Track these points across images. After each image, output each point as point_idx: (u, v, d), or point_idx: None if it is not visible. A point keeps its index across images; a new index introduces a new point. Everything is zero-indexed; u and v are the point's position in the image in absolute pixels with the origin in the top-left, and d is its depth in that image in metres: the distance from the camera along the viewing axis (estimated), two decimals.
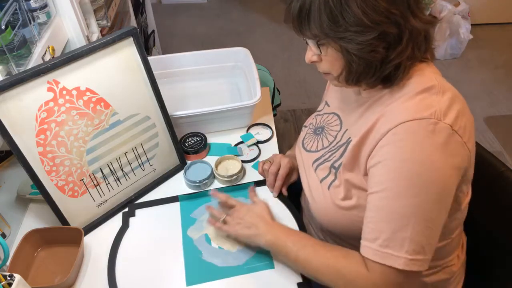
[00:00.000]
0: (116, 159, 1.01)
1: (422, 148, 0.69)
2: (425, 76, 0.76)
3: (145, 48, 2.32)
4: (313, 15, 0.71)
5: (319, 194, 0.88)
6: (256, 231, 0.88)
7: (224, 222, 0.93)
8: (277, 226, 0.90)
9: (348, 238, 0.90)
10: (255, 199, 1.02)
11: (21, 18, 0.96)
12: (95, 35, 1.36)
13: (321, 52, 0.76)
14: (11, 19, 0.93)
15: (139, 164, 1.06)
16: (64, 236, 0.94)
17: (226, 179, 1.08)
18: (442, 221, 0.73)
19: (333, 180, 0.86)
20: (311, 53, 0.79)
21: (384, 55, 0.71)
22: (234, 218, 0.92)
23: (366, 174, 0.78)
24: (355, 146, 0.80)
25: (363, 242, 0.75)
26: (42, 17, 1.09)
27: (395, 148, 0.71)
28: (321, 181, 0.89)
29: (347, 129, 0.89)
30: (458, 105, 0.73)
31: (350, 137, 0.86)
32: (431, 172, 0.70)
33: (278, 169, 1.04)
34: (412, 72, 0.76)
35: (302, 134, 1.05)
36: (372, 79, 0.75)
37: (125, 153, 1.02)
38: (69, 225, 0.96)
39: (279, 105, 1.60)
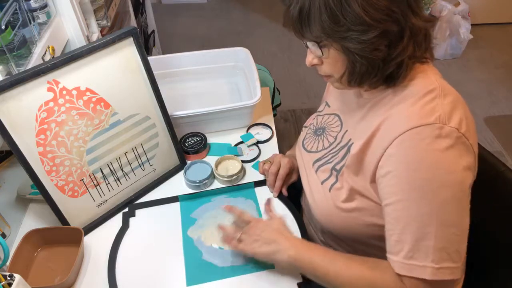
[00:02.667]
0: (116, 159, 1.01)
1: (431, 154, 0.69)
2: (427, 79, 0.76)
3: (145, 48, 2.32)
4: (313, 16, 0.70)
5: (320, 195, 0.88)
6: (277, 247, 0.82)
7: (240, 240, 0.87)
8: (298, 241, 0.85)
9: (348, 240, 0.91)
10: (271, 213, 0.96)
11: (21, 18, 0.96)
12: (95, 35, 1.36)
13: (322, 54, 0.76)
14: (11, 19, 0.93)
15: (139, 164, 1.06)
16: (64, 236, 0.94)
17: (226, 179, 1.08)
18: (465, 224, 0.72)
19: (334, 183, 0.86)
20: (312, 56, 0.79)
21: (386, 54, 0.71)
22: (251, 235, 0.86)
23: (373, 181, 0.78)
24: (359, 151, 0.80)
25: (388, 256, 0.74)
26: (42, 17, 1.09)
27: (404, 157, 0.71)
28: (322, 183, 0.89)
29: (347, 130, 0.89)
30: (461, 108, 0.73)
31: (350, 139, 0.86)
32: (443, 176, 0.69)
33: (278, 169, 1.04)
34: (415, 73, 0.76)
35: (303, 134, 1.05)
36: (374, 79, 0.75)
37: (125, 153, 1.02)
38: (69, 225, 0.96)
39: (279, 105, 1.61)
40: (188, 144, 1.17)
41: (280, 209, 1.03)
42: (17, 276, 0.72)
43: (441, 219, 0.69)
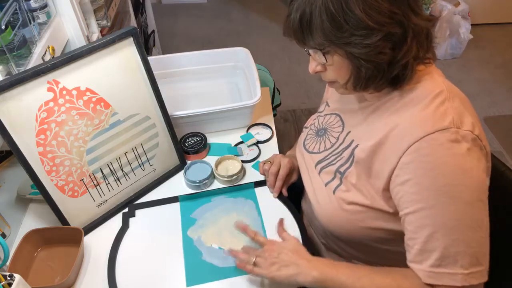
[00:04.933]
0: (116, 159, 1.01)
1: (451, 159, 0.68)
2: (433, 81, 0.75)
3: (145, 48, 2.32)
4: (315, 23, 0.70)
5: (324, 197, 0.88)
6: (297, 269, 0.79)
7: (255, 264, 0.83)
8: (317, 260, 0.82)
9: (350, 242, 0.90)
10: (285, 234, 0.92)
11: (21, 18, 0.96)
12: (95, 35, 1.36)
13: (326, 61, 0.75)
14: (11, 19, 0.93)
15: (139, 164, 1.06)
16: (64, 236, 0.94)
17: (226, 179, 1.08)
18: (488, 225, 0.71)
19: (339, 185, 0.85)
20: (315, 63, 0.78)
21: (391, 56, 0.70)
22: (267, 259, 0.83)
23: (386, 190, 0.77)
24: (366, 156, 0.79)
25: (412, 265, 0.73)
26: (42, 17, 1.09)
27: (423, 164, 0.70)
28: (325, 184, 0.88)
29: (350, 131, 0.88)
30: (469, 109, 0.74)
31: (353, 140, 0.85)
32: (466, 180, 0.69)
33: (279, 170, 1.04)
34: (420, 76, 0.76)
35: (303, 135, 1.05)
36: (380, 82, 0.74)
37: (125, 153, 1.02)
38: (69, 225, 0.96)
39: (279, 105, 1.60)
40: (188, 144, 1.17)
41: (281, 209, 1.03)
42: (17, 276, 0.72)
43: (468, 223, 0.68)
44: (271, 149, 1.20)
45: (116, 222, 1.02)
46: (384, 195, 0.78)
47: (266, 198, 1.05)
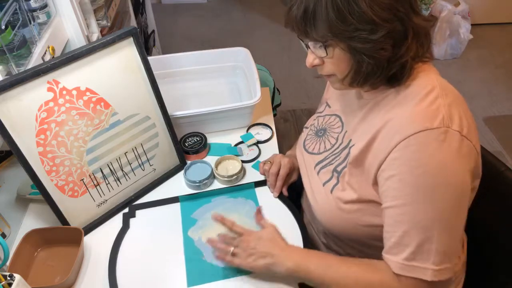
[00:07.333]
0: (116, 159, 1.01)
1: (436, 159, 0.69)
2: (427, 77, 0.76)
3: (145, 48, 2.32)
4: (319, 15, 0.70)
5: (322, 197, 0.88)
6: (272, 259, 0.82)
7: (233, 254, 0.86)
8: (292, 250, 0.85)
9: (349, 241, 0.91)
10: (263, 222, 0.94)
11: (21, 18, 0.96)
12: (95, 35, 1.36)
13: (327, 54, 0.75)
14: (11, 19, 0.93)
15: (139, 164, 1.06)
16: (64, 236, 0.94)
17: (226, 179, 1.08)
18: (462, 225, 0.73)
19: (336, 184, 0.86)
20: (313, 56, 0.78)
21: (391, 53, 0.71)
22: (245, 249, 0.85)
23: (375, 184, 0.78)
24: (360, 153, 0.80)
25: (387, 256, 0.75)
26: (42, 17, 1.09)
27: (409, 161, 0.70)
28: (323, 184, 0.88)
29: (347, 131, 0.89)
30: (461, 108, 0.74)
31: (351, 140, 0.86)
32: (449, 180, 0.70)
33: (279, 170, 1.04)
34: (416, 72, 0.76)
35: (303, 135, 1.05)
36: (378, 79, 0.75)
37: (125, 153, 1.02)
38: (69, 225, 0.96)
39: (279, 105, 1.60)
40: (188, 144, 1.17)
41: (281, 209, 1.03)
42: (17, 276, 0.71)
43: (444, 223, 0.70)
44: (271, 149, 1.20)
45: (116, 222, 1.02)
46: (374, 189, 0.79)
47: (267, 198, 1.05)
